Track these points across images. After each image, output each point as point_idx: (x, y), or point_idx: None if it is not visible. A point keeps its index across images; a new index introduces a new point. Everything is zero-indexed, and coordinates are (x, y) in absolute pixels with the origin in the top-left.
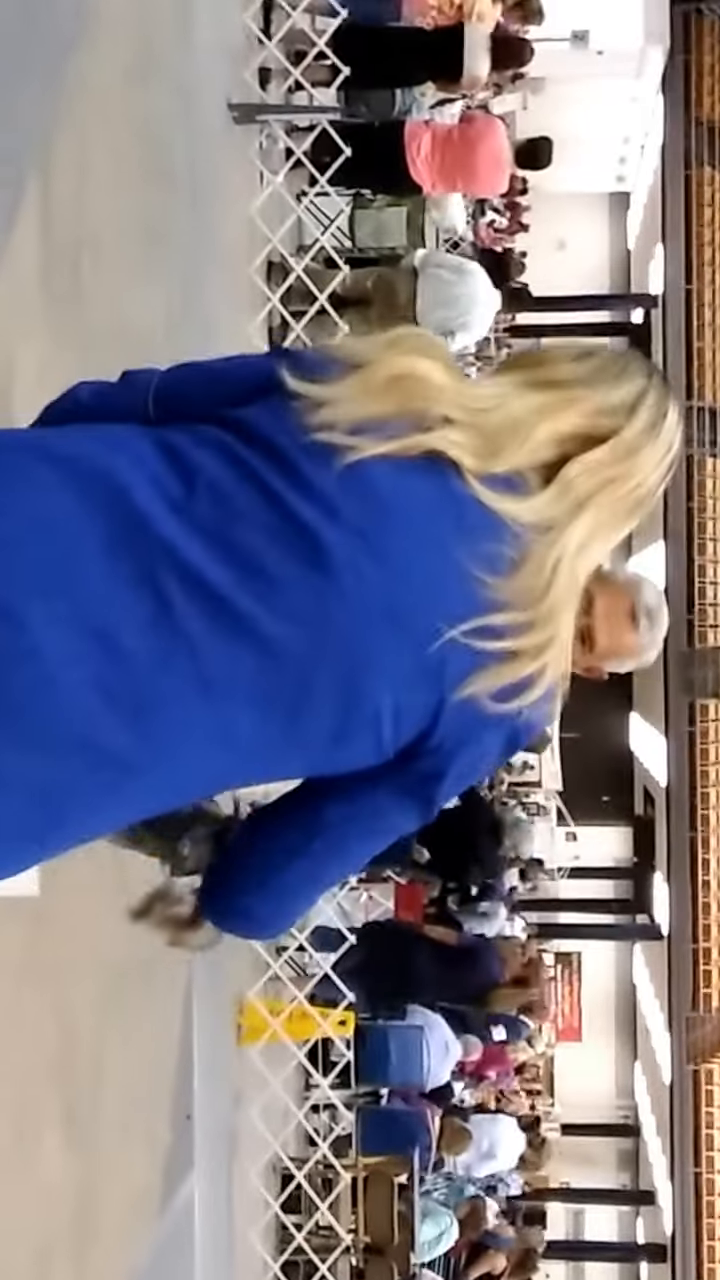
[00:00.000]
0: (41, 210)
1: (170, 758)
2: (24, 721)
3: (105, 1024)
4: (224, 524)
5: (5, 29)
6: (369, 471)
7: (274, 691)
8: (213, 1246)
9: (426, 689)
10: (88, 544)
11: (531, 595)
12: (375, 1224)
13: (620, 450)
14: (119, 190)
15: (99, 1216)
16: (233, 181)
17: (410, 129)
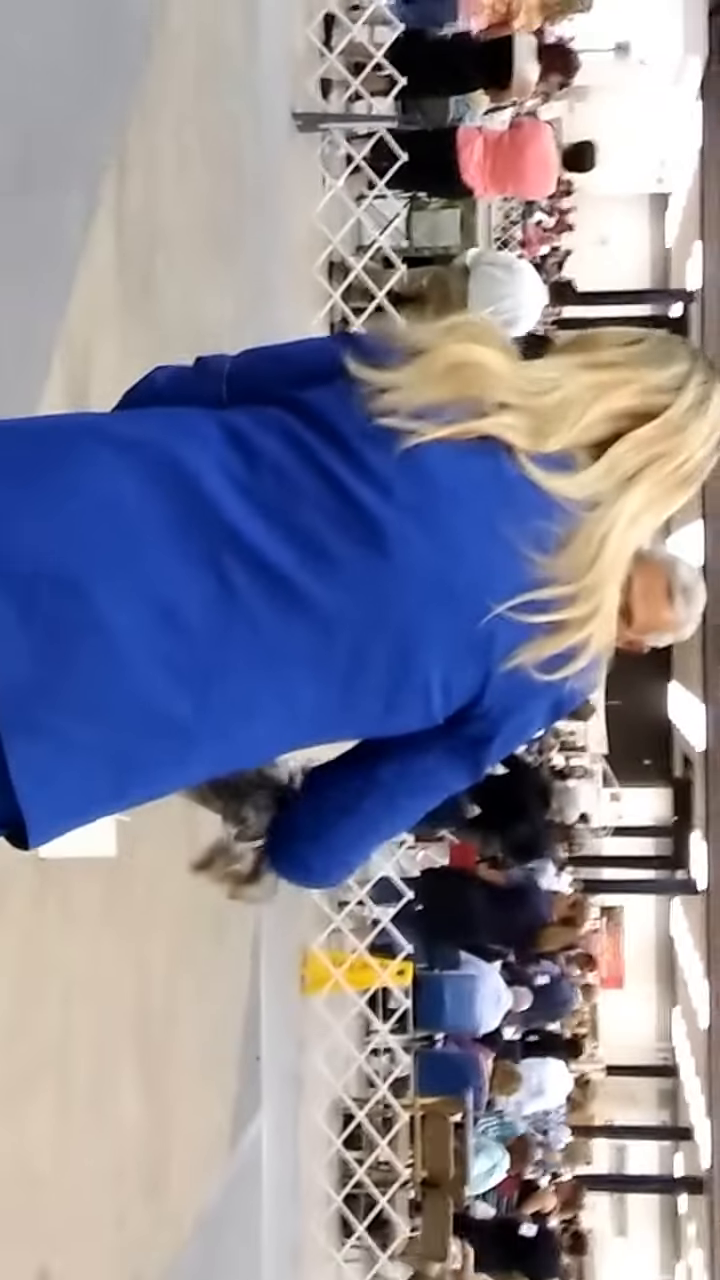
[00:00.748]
0: (117, 212)
1: (230, 726)
2: (91, 692)
3: (178, 974)
4: (285, 505)
5: (84, 40)
6: (426, 455)
7: (330, 663)
8: (279, 1181)
9: (475, 662)
10: (152, 524)
11: (578, 569)
12: (432, 1159)
13: (669, 427)
14: (190, 193)
15: (172, 1153)
16: (296, 186)
17: (463, 135)
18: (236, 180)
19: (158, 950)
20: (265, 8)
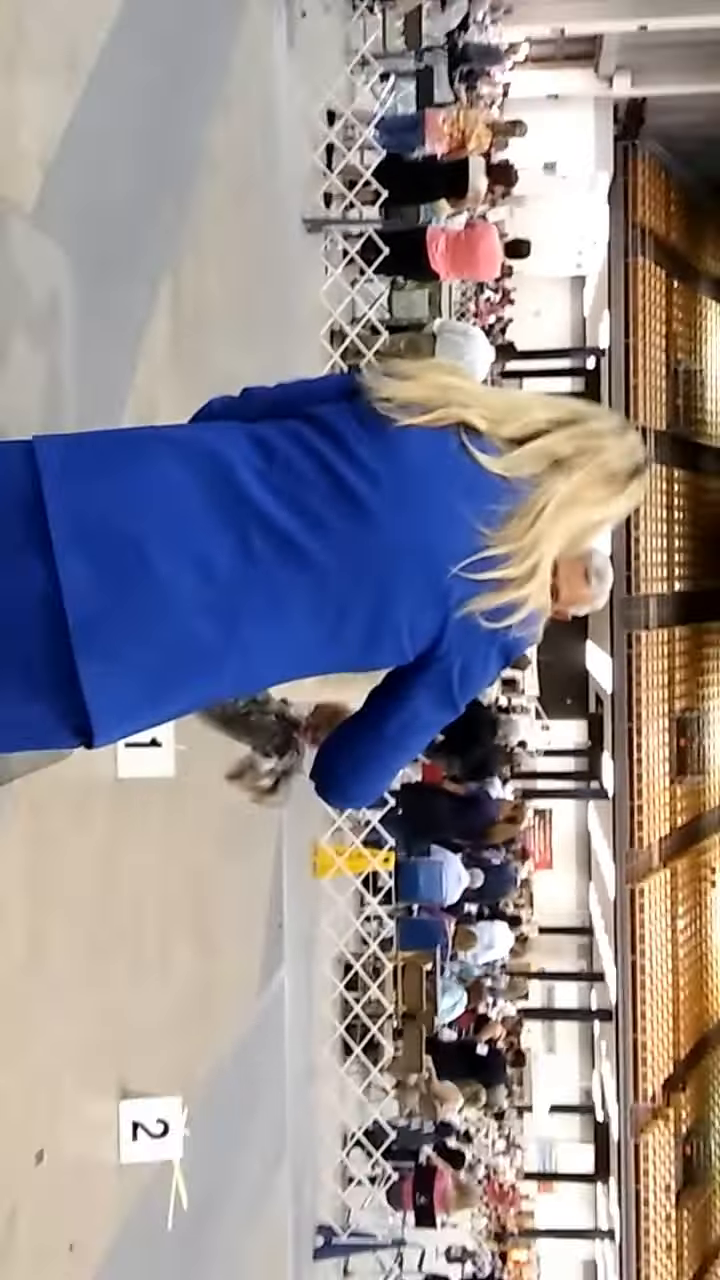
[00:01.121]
0: (173, 294)
1: (249, 653)
2: (142, 622)
3: (220, 864)
4: (293, 488)
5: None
6: (404, 452)
7: (324, 607)
8: (297, 1015)
9: (435, 609)
10: (194, 501)
11: (517, 535)
12: (409, 998)
13: (591, 431)
14: (228, 279)
15: (216, 998)
16: (306, 273)
17: (430, 233)
18: (262, 269)
19: (205, 847)
20: (283, 139)
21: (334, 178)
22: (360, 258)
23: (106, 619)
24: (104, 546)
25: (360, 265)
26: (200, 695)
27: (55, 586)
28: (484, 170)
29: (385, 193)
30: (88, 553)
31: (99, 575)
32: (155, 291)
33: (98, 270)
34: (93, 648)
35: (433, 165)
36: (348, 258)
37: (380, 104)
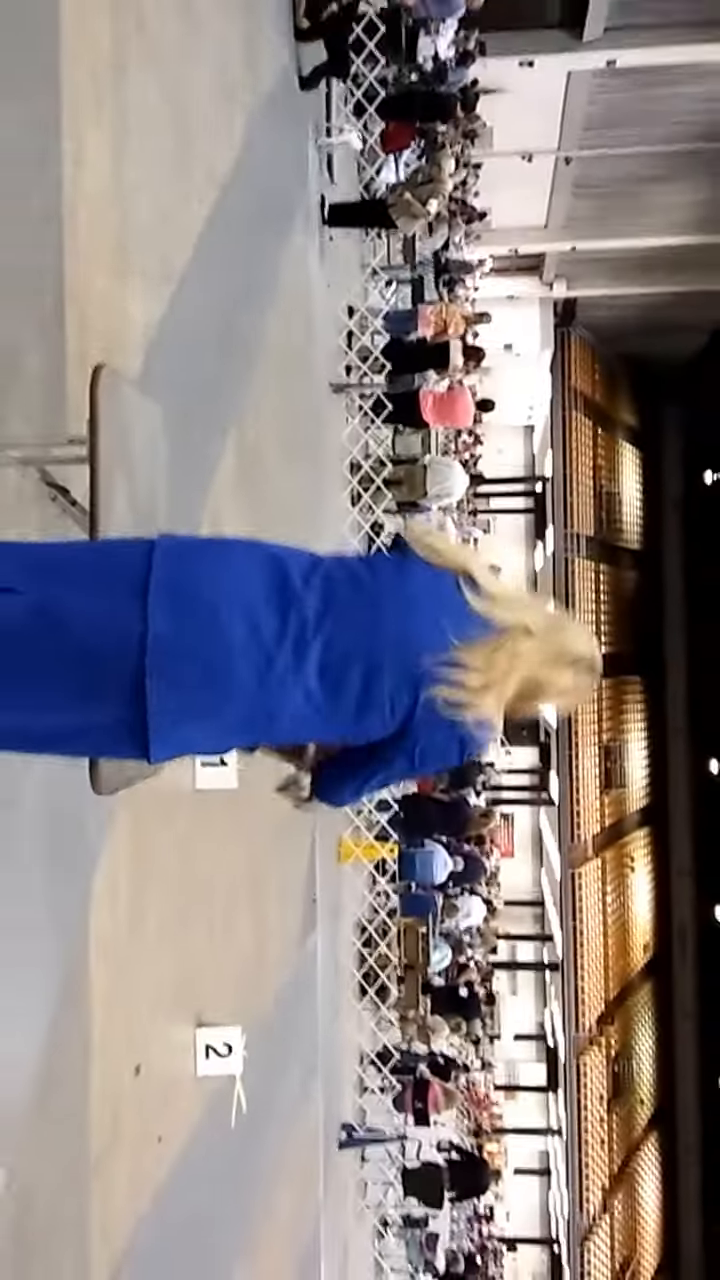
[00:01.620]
0: (238, 438)
1: (277, 701)
2: (201, 655)
3: (271, 853)
4: (326, 587)
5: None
6: (414, 572)
7: (332, 673)
8: (326, 966)
9: (409, 689)
10: (256, 584)
11: (481, 656)
12: (409, 953)
13: (561, 623)
14: (277, 426)
15: (267, 953)
16: (332, 423)
17: (422, 394)
18: (300, 420)
19: (260, 841)
20: (316, 327)
21: (352, 355)
22: (371, 412)
23: (174, 652)
24: (184, 604)
25: (371, 417)
26: (229, 726)
27: (144, 628)
28: (461, 351)
29: (389, 365)
30: (172, 606)
31: (176, 621)
32: (224, 436)
33: (183, 421)
34: (161, 672)
35: (423, 346)
36: (362, 411)
37: (385, 302)
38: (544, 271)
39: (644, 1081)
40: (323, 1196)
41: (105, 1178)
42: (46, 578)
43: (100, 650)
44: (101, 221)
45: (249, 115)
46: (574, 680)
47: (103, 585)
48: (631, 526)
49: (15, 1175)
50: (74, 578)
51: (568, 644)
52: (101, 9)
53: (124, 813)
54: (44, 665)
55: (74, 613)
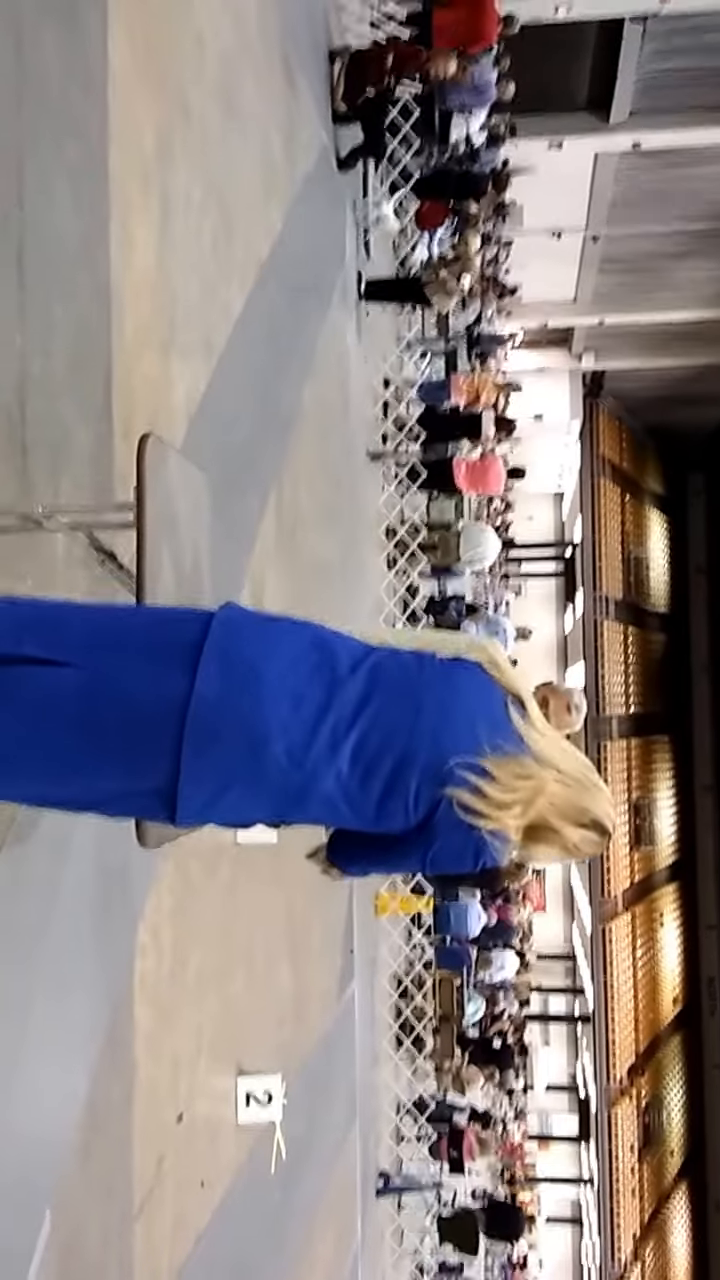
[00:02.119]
0: (277, 504)
1: (309, 781)
2: (251, 741)
3: (310, 906)
4: (375, 674)
5: (257, 415)
6: (464, 676)
7: (364, 760)
8: (363, 1017)
9: (433, 785)
10: (306, 666)
11: (508, 771)
12: (444, 1005)
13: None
14: (315, 494)
15: (307, 1003)
16: (369, 490)
17: (456, 461)
18: (338, 487)
19: (299, 894)
20: (353, 398)
21: (388, 424)
22: (406, 478)
23: (215, 716)
24: (233, 671)
25: (406, 484)
26: (257, 800)
27: (190, 689)
28: (493, 421)
29: (424, 434)
30: (221, 671)
31: (222, 686)
32: (265, 502)
33: (225, 487)
34: (198, 733)
35: (456, 416)
36: (398, 479)
37: (420, 374)
38: (573, 344)
39: (674, 1132)
40: (360, 1243)
41: (149, 1222)
42: (98, 649)
43: (146, 715)
44: (147, 300)
45: (289, 196)
46: (582, 840)
47: (156, 652)
48: (659, 590)
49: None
50: (126, 645)
51: (591, 804)
52: (148, 98)
53: (168, 866)
54: (91, 737)
55: (124, 683)
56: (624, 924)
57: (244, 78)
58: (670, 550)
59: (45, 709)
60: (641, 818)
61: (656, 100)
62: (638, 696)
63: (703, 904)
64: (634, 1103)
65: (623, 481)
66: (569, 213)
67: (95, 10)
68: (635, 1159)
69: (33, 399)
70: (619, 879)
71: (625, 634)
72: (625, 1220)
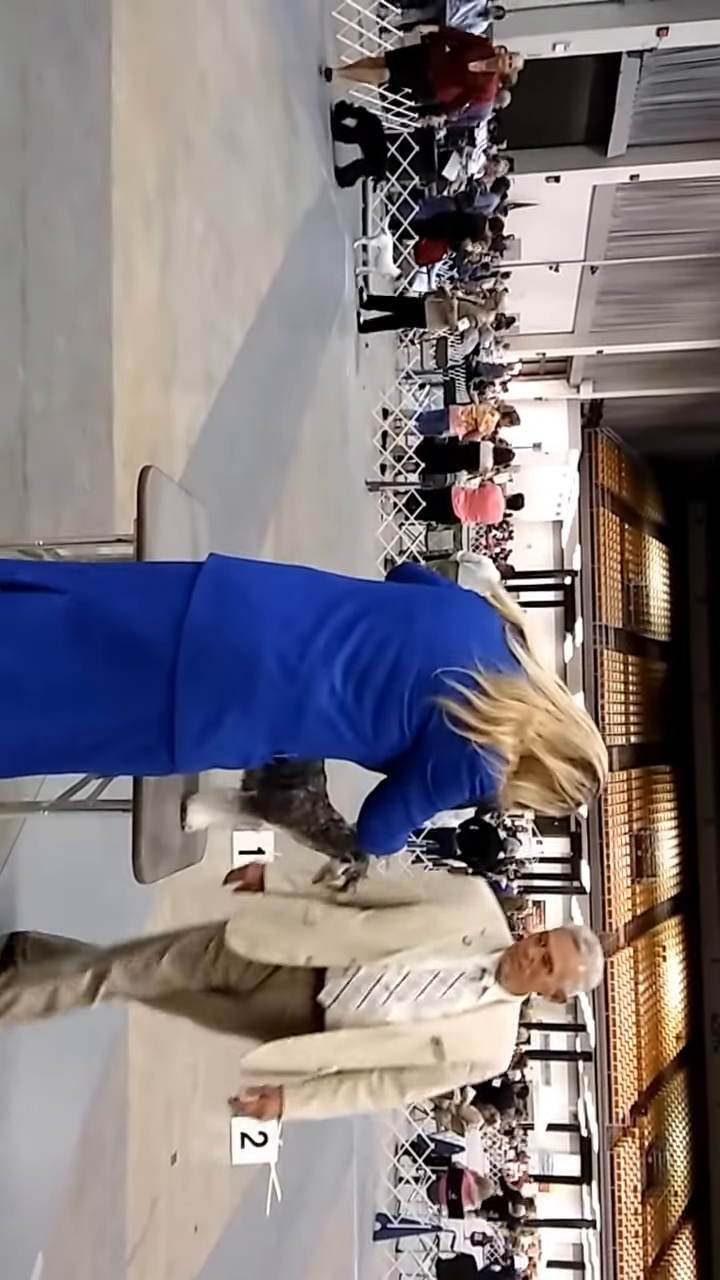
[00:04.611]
0: (276, 534)
1: (303, 695)
2: (232, 641)
3: None
4: (368, 598)
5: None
6: (467, 597)
7: (357, 671)
8: None
9: (425, 695)
10: (299, 594)
11: (497, 687)
12: None
13: (582, 716)
14: (313, 524)
15: None
16: (367, 520)
17: (454, 491)
18: (337, 516)
19: None
20: (352, 429)
21: (386, 454)
22: (405, 508)
23: (207, 639)
24: (225, 596)
25: (405, 513)
26: (255, 727)
27: (184, 615)
28: (491, 452)
29: (422, 464)
30: (214, 597)
31: (215, 611)
32: (264, 532)
33: (226, 517)
34: (192, 659)
35: (455, 446)
36: (396, 509)
37: (419, 405)
38: (571, 374)
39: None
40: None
41: (142, 1267)
42: (90, 580)
43: (139, 640)
44: (148, 333)
45: (289, 230)
46: (568, 779)
47: (147, 587)
48: (659, 619)
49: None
50: (118, 582)
51: (582, 741)
52: (150, 134)
53: (164, 902)
54: (85, 660)
55: (116, 607)
56: (626, 958)
57: (245, 114)
58: (670, 579)
59: (39, 631)
60: (643, 849)
61: (654, 133)
62: (639, 726)
63: (706, 937)
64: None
65: (622, 510)
66: (567, 245)
67: (99, 47)
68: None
69: (34, 430)
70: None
71: (625, 663)
72: (629, 1263)
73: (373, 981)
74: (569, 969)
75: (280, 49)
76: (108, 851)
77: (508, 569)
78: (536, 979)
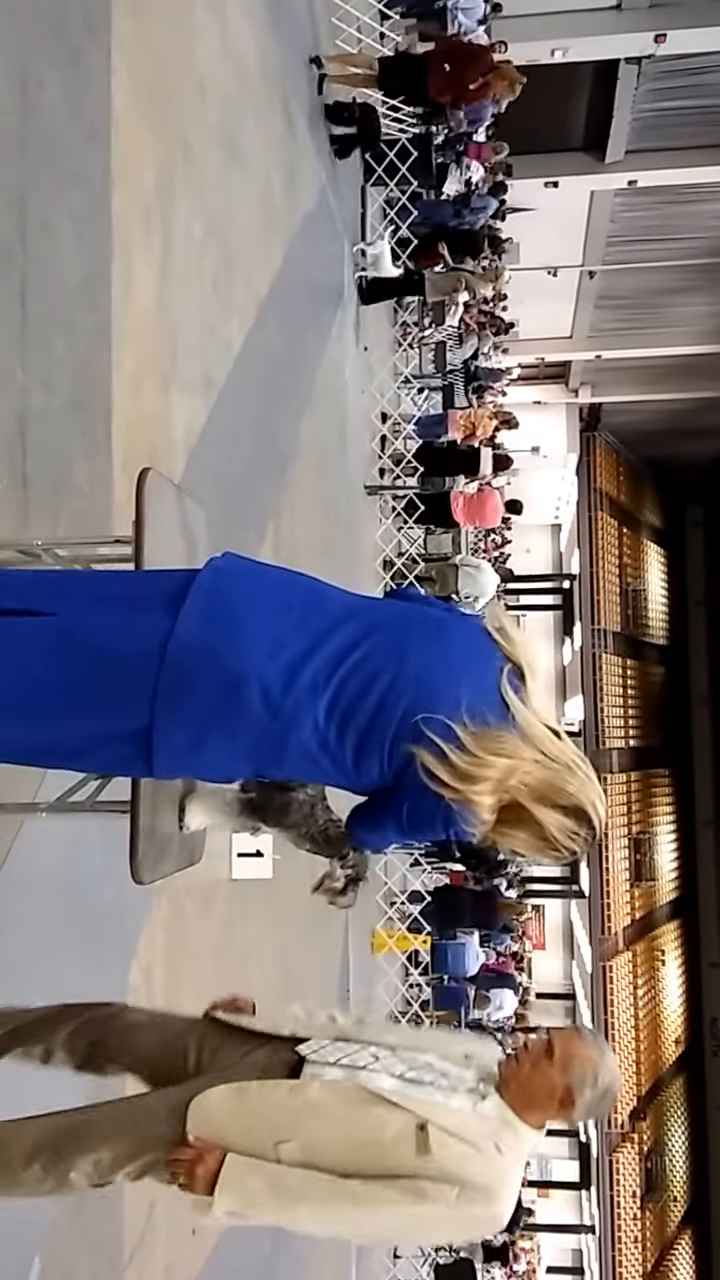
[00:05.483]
0: (275, 535)
1: (287, 728)
2: (227, 684)
3: (306, 941)
4: (366, 625)
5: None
6: (466, 633)
7: (342, 708)
8: None
9: (405, 741)
10: (294, 613)
11: (481, 742)
12: None
13: (579, 763)
14: (312, 527)
15: None
16: (366, 524)
17: (453, 495)
18: (335, 520)
19: (295, 929)
20: (351, 432)
21: (385, 458)
22: (404, 512)
23: (192, 656)
24: (216, 611)
25: (404, 517)
26: (236, 749)
27: (171, 629)
28: (490, 459)
29: (421, 468)
30: (204, 611)
31: (203, 626)
32: (263, 535)
33: (224, 520)
34: (175, 674)
35: (454, 450)
36: (395, 512)
37: (417, 409)
38: (570, 379)
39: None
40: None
41: (139, 1269)
42: (74, 599)
43: (125, 655)
44: (147, 336)
45: (288, 234)
46: (560, 829)
47: (140, 599)
48: (657, 622)
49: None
50: (109, 596)
51: (571, 787)
52: (150, 138)
53: (161, 902)
54: (70, 676)
55: (104, 625)
56: (624, 962)
57: (244, 118)
58: (669, 583)
59: (25, 651)
60: (642, 853)
61: (652, 139)
62: (637, 729)
63: (705, 941)
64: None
65: (620, 514)
66: (565, 250)
67: (99, 54)
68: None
69: (33, 432)
70: (619, 916)
71: (624, 667)
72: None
73: (361, 1048)
74: (572, 1053)
75: (279, 54)
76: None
77: (506, 573)
78: (538, 1071)
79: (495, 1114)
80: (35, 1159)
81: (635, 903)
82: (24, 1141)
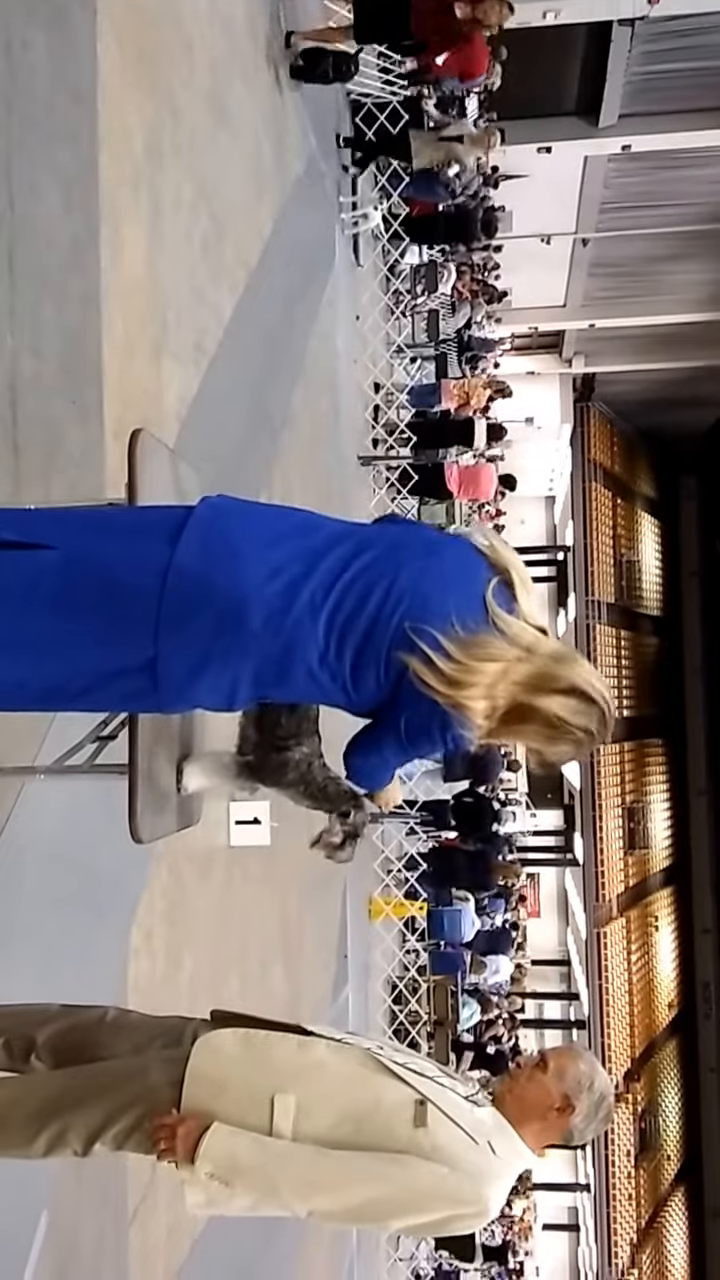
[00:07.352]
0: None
1: (288, 649)
2: (215, 590)
3: (303, 908)
4: (358, 547)
5: (248, 418)
6: (457, 548)
7: (339, 622)
8: (357, 1023)
9: (398, 649)
10: (288, 542)
11: (467, 649)
12: (439, 1010)
13: (569, 655)
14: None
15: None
16: (360, 493)
17: (447, 466)
18: (328, 490)
19: (292, 896)
20: (344, 402)
21: (379, 428)
22: (397, 483)
23: (191, 585)
24: (212, 543)
25: (398, 488)
26: (238, 672)
27: (170, 561)
28: (484, 430)
29: (414, 439)
30: (201, 543)
31: (201, 557)
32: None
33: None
34: (175, 604)
35: (447, 420)
36: (389, 483)
37: (410, 378)
38: (563, 348)
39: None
40: (356, 1248)
41: (143, 1227)
42: (75, 530)
43: (126, 586)
44: (137, 302)
45: (278, 199)
46: (564, 708)
47: (138, 531)
48: (651, 593)
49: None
50: (109, 529)
51: (563, 672)
52: (138, 101)
53: (161, 868)
54: (73, 609)
55: (104, 556)
56: (619, 928)
57: (233, 81)
58: (662, 553)
59: (27, 585)
60: (635, 821)
61: (645, 103)
62: (631, 700)
63: (698, 908)
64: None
65: (614, 485)
66: (558, 217)
67: (85, 15)
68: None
69: (24, 399)
70: (613, 883)
71: (618, 638)
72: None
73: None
74: (565, 1065)
75: (267, 16)
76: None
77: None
78: (533, 1082)
79: (491, 1120)
80: (38, 1119)
81: (629, 870)
82: (29, 1102)
